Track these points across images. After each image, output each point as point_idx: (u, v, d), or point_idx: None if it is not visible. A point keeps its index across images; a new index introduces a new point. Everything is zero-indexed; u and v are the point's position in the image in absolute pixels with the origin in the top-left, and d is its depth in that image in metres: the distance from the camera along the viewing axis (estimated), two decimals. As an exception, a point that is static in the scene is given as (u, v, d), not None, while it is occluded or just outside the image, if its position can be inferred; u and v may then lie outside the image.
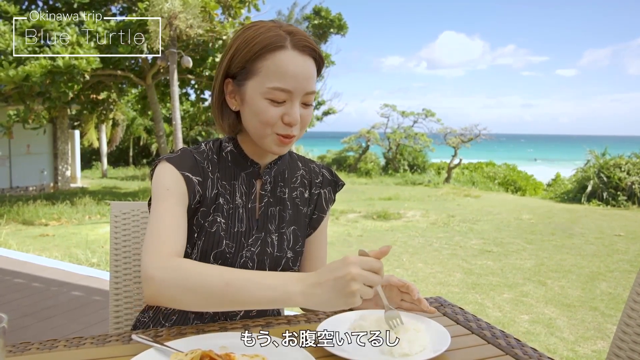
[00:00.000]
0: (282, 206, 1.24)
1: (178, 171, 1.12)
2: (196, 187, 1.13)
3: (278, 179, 1.25)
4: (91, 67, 9.15)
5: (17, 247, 6.40)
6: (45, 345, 0.97)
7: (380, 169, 20.54)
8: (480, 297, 4.64)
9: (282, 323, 1.08)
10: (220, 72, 1.15)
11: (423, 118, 20.75)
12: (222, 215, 1.16)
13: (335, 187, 1.35)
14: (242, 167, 1.21)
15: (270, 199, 1.23)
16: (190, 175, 1.13)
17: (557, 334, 3.76)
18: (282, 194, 1.25)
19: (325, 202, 1.33)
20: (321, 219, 1.32)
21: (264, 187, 1.22)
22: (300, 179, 1.30)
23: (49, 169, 13.89)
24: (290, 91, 1.07)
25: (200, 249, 1.13)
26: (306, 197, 1.30)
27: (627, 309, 1.15)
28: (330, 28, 19.39)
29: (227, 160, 1.21)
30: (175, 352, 0.86)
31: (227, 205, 1.18)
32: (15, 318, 3.53)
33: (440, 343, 0.92)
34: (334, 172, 1.37)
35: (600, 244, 7.02)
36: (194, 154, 1.17)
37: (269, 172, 1.23)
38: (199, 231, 1.15)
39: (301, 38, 1.09)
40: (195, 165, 1.15)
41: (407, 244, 7.00)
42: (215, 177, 1.18)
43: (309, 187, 1.31)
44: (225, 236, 1.15)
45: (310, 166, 1.34)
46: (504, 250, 6.60)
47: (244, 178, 1.21)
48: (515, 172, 17.52)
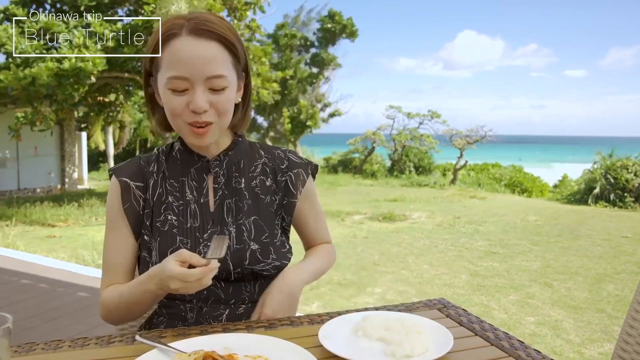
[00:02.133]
0: (239, 197, 1.20)
1: (117, 179, 1.19)
2: (134, 191, 1.19)
3: (232, 170, 1.22)
4: (97, 70, 9.20)
5: (24, 248, 6.44)
6: (50, 345, 0.98)
7: (385, 171, 20.49)
8: (486, 298, 4.62)
9: (286, 325, 1.08)
10: (143, 67, 1.17)
11: (429, 119, 20.68)
12: (174, 213, 1.17)
13: (306, 169, 1.29)
14: (190, 162, 1.21)
15: (224, 192, 1.20)
16: (128, 181, 1.19)
17: (563, 336, 3.74)
18: (237, 184, 1.21)
19: (293, 186, 1.26)
20: (292, 204, 1.26)
21: (216, 181, 1.20)
22: (261, 167, 1.25)
23: (56, 171, 13.96)
24: (187, 77, 1.05)
25: (158, 250, 1.14)
26: (268, 185, 1.24)
27: (631, 310, 1.14)
28: (342, 33, 19.42)
29: (176, 158, 1.22)
30: (178, 353, 0.86)
31: (177, 202, 1.18)
32: (21, 319, 3.55)
33: (443, 345, 0.92)
34: (301, 156, 1.32)
35: (607, 246, 6.97)
36: (140, 160, 1.23)
37: (219, 164, 1.21)
38: (154, 233, 1.16)
39: (197, 22, 1.06)
40: (137, 171, 1.21)
41: (412, 245, 6.99)
42: (160, 178, 1.20)
43: (273, 174, 1.26)
44: (178, 232, 1.15)
45: (274, 153, 1.29)
46: (510, 252, 6.57)
47: (194, 174, 1.20)
48: (521, 174, 17.43)
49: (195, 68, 1.04)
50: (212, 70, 1.05)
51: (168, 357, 0.87)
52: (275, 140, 20.41)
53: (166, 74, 1.06)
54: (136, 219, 1.18)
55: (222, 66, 1.07)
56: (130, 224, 1.18)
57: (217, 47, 1.07)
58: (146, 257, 1.16)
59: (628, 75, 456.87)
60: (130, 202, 1.18)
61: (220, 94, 1.08)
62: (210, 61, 1.05)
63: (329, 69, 20.37)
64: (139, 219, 1.18)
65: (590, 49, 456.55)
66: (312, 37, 20.06)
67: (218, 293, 1.15)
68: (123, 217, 1.18)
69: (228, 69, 1.09)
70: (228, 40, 1.08)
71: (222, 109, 1.09)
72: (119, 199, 1.19)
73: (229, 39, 1.08)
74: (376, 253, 6.47)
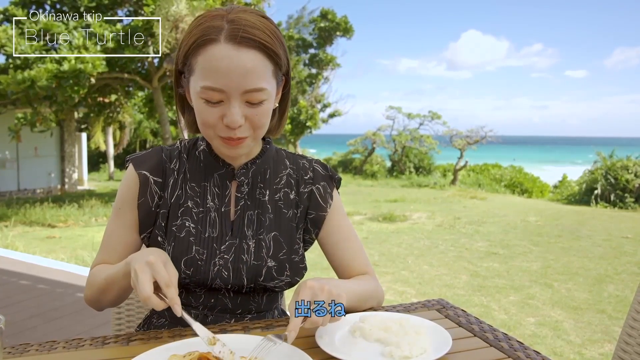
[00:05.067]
0: (262, 210, 1.13)
1: (135, 171, 1.12)
2: (152, 186, 1.11)
3: (257, 180, 1.15)
4: (97, 71, 9.21)
5: (24, 249, 6.43)
6: (45, 346, 0.97)
7: (386, 171, 20.51)
8: (486, 299, 4.61)
9: (282, 325, 1.07)
10: (175, 66, 1.08)
11: (429, 120, 20.72)
12: (192, 220, 1.10)
13: (330, 182, 1.21)
14: (214, 167, 1.13)
15: (247, 202, 1.13)
16: (148, 174, 1.11)
17: (563, 336, 3.73)
18: (261, 196, 1.14)
19: (322, 199, 1.18)
20: (322, 217, 1.18)
21: (239, 189, 1.13)
22: (286, 179, 1.18)
23: (56, 172, 13.97)
24: (223, 90, 0.96)
25: (171, 255, 1.07)
26: (292, 199, 1.17)
27: (632, 311, 1.13)
28: (336, 31, 19.44)
29: (199, 159, 1.15)
30: (172, 355, 0.85)
31: (197, 208, 1.11)
32: (21, 319, 3.54)
33: (442, 346, 0.91)
34: (328, 166, 1.23)
35: (608, 246, 6.96)
36: (162, 153, 1.14)
37: (245, 172, 1.13)
38: (168, 237, 1.10)
39: (237, 27, 0.95)
40: (158, 165, 1.13)
41: (412, 246, 6.98)
42: (181, 179, 1.13)
43: (296, 186, 1.18)
44: (194, 242, 1.09)
45: (299, 163, 1.21)
46: (510, 253, 6.56)
47: (217, 179, 1.13)
48: (521, 174, 17.44)
49: (233, 81, 0.95)
50: (251, 83, 0.96)
51: (163, 358, 0.87)
52: (275, 141, 20.29)
53: (200, 82, 0.97)
54: (146, 215, 1.12)
55: (262, 78, 0.97)
56: (139, 218, 1.12)
57: (259, 57, 0.96)
58: None
59: (633, 74, 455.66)
60: (145, 197, 1.11)
61: (258, 107, 0.99)
62: (250, 73, 0.95)
63: (327, 69, 20.37)
64: (149, 215, 1.12)
65: (595, 49, 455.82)
66: (309, 37, 20.08)
67: (225, 302, 1.12)
68: (133, 210, 1.12)
69: (268, 80, 0.99)
70: (270, 49, 0.98)
71: (258, 123, 1.01)
72: (134, 192, 1.12)
73: (272, 47, 0.98)
74: (376, 253, 6.46)
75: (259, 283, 1.10)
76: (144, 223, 1.13)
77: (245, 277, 1.09)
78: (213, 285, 1.09)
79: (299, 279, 1.14)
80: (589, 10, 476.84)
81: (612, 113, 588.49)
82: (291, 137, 18.67)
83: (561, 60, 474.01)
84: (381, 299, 1.21)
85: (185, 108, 1.13)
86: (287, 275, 1.12)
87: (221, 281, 1.09)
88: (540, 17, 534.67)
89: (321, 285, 0.91)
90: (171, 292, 0.90)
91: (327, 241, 1.20)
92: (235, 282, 1.08)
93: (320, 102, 20.59)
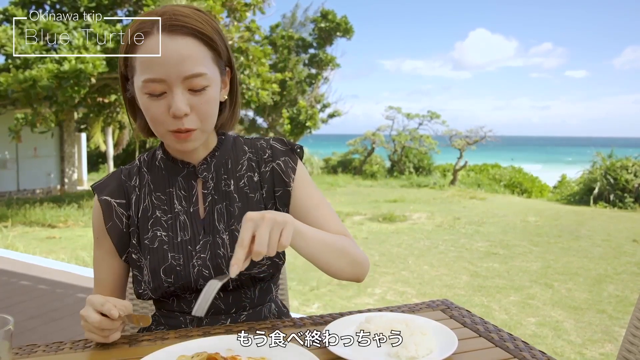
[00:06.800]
0: (229, 200, 1.12)
1: (97, 198, 1.14)
2: (116, 209, 1.13)
3: (220, 172, 1.14)
4: (97, 71, 9.21)
5: (23, 249, 6.43)
6: (52, 347, 0.97)
7: (385, 171, 20.50)
8: (487, 299, 4.62)
9: (289, 325, 1.08)
10: (119, 70, 1.08)
11: (428, 120, 20.70)
12: (163, 228, 1.11)
13: (292, 155, 1.18)
14: (175, 171, 1.13)
15: (214, 197, 1.12)
16: (109, 199, 1.13)
17: (564, 336, 3.74)
18: (227, 187, 1.13)
19: (285, 174, 1.15)
20: (287, 193, 1.15)
21: (205, 186, 1.13)
22: (247, 164, 1.17)
23: (55, 172, 13.96)
24: (164, 79, 0.96)
25: (149, 268, 1.08)
26: (256, 181, 1.15)
27: (636, 311, 1.14)
28: (336, 32, 19.43)
29: (160, 168, 1.15)
30: (180, 355, 0.86)
31: (165, 216, 1.12)
32: (21, 320, 3.54)
33: (448, 346, 0.91)
34: (286, 140, 1.20)
35: (608, 246, 6.97)
36: (121, 174, 1.16)
37: (207, 167, 1.13)
38: (143, 251, 1.11)
39: (169, 17, 0.97)
40: (119, 187, 1.15)
41: (412, 246, 6.98)
42: (144, 192, 1.14)
43: (258, 167, 1.16)
44: (169, 249, 1.09)
45: (257, 145, 1.19)
46: (510, 253, 6.56)
47: (181, 182, 1.13)
48: (521, 174, 17.44)
49: (171, 68, 0.95)
50: (189, 69, 0.96)
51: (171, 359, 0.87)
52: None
53: (141, 77, 0.98)
54: (120, 238, 1.13)
55: (200, 63, 0.98)
56: (114, 243, 1.13)
57: (194, 43, 0.97)
58: (137, 275, 1.12)
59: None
60: (113, 221, 1.13)
61: (201, 94, 0.99)
62: (186, 59, 0.96)
63: (327, 69, 20.36)
64: (123, 237, 1.13)
65: (605, 48, 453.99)
66: (309, 37, 20.08)
67: (217, 304, 1.11)
68: (106, 236, 1.14)
69: (207, 66, 1.00)
70: (204, 34, 0.99)
71: (204, 111, 1.01)
72: (100, 218, 1.14)
73: (206, 32, 0.99)
74: (376, 254, 6.47)
75: (243, 273, 1.08)
76: (120, 246, 1.14)
77: (227, 272, 1.09)
78: (199, 287, 1.08)
79: (279, 261, 1.13)
80: (599, 10, 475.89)
81: (615, 113, 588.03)
82: (291, 137, 18.66)
83: (569, 60, 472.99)
84: (364, 262, 1.17)
85: (137, 112, 1.12)
86: (267, 258, 1.10)
87: (205, 281, 1.06)
88: (550, 16, 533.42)
89: (262, 215, 0.89)
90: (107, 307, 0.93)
91: (298, 213, 1.15)
92: None
93: (319, 103, 20.58)
